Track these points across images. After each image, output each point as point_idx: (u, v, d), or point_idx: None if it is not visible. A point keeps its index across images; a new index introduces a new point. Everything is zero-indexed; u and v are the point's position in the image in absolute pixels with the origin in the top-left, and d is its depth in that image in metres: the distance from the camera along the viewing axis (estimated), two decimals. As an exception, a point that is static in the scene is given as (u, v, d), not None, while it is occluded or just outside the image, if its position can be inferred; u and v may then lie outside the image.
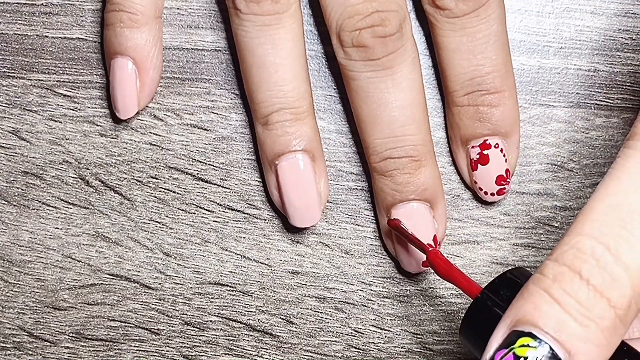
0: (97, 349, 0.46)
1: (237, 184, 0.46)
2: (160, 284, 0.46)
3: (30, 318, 0.46)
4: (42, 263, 0.46)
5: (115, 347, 0.46)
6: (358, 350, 0.46)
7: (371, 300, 0.46)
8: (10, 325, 0.46)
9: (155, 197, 0.46)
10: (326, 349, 0.46)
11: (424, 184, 0.44)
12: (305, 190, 0.44)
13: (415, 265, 0.45)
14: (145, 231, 0.46)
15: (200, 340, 0.46)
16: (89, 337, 0.46)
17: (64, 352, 0.46)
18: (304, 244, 0.46)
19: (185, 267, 0.46)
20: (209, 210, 0.46)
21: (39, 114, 0.46)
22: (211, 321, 0.46)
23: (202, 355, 0.46)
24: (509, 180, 0.45)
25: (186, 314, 0.46)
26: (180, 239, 0.46)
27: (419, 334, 0.46)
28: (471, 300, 0.36)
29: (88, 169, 0.46)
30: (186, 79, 0.46)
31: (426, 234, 0.44)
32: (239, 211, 0.46)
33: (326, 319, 0.46)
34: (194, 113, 0.46)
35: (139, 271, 0.46)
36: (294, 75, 0.44)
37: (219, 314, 0.46)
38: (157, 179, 0.46)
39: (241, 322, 0.46)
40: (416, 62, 0.44)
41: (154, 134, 0.46)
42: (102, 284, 0.46)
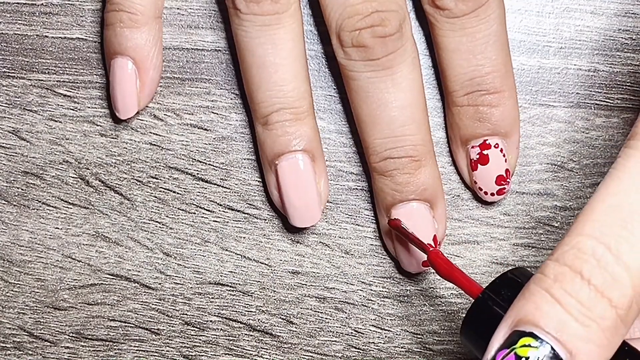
0: (97, 349, 0.46)
1: (237, 184, 0.46)
2: (160, 284, 0.46)
3: (30, 318, 0.46)
4: (42, 263, 0.46)
5: (115, 347, 0.46)
6: (358, 350, 0.46)
7: (371, 300, 0.46)
8: (10, 325, 0.46)
9: (155, 197, 0.46)
10: (326, 349, 0.46)
11: (424, 184, 0.44)
12: (305, 190, 0.44)
13: (415, 265, 0.45)
14: (145, 231, 0.46)
15: (200, 340, 0.46)
16: (89, 337, 0.46)
17: (64, 352, 0.46)
18: (304, 244, 0.46)
19: (185, 267, 0.46)
20: (209, 210, 0.46)
21: (39, 114, 0.46)
22: (211, 321, 0.46)
23: (202, 355, 0.46)
24: (509, 180, 0.45)
25: (186, 314, 0.46)
26: (180, 239, 0.46)
27: (419, 334, 0.46)
28: (472, 301, 0.36)
29: (88, 169, 0.46)
30: (186, 79, 0.46)
31: (426, 234, 0.44)
32: (239, 211, 0.46)
33: (326, 319, 0.46)
34: (194, 113, 0.46)
35: (139, 271, 0.46)
36: (294, 75, 0.44)
37: (219, 314, 0.46)
38: (157, 179, 0.46)
39: (241, 322, 0.46)
40: (416, 62, 0.44)
41: (154, 134, 0.46)
42: (102, 284, 0.46)
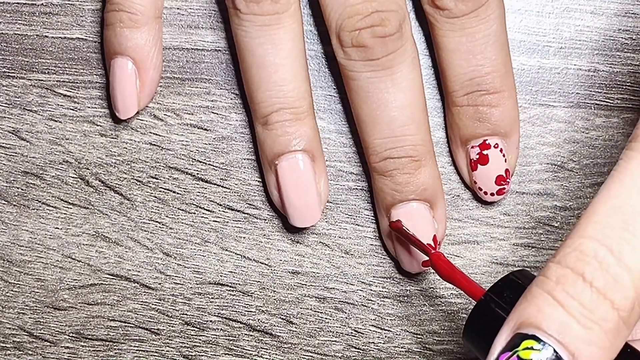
0: (97, 349, 0.46)
1: (237, 184, 0.46)
2: (160, 284, 0.46)
3: (30, 318, 0.46)
4: (42, 263, 0.46)
5: (115, 347, 0.46)
6: (358, 350, 0.46)
7: (371, 300, 0.46)
8: (10, 325, 0.46)
9: (155, 197, 0.46)
10: (326, 349, 0.46)
11: (424, 184, 0.44)
12: (305, 190, 0.44)
13: (416, 265, 0.45)
14: (145, 231, 0.46)
15: (200, 340, 0.46)
16: (89, 337, 0.46)
17: (64, 352, 0.46)
18: (304, 244, 0.46)
19: (185, 267, 0.46)
20: (209, 210, 0.46)
21: (39, 114, 0.46)
22: (211, 321, 0.46)
23: (202, 355, 0.46)
24: (508, 180, 0.45)
25: (186, 314, 0.46)
26: (180, 239, 0.46)
27: (419, 334, 0.46)
28: (473, 302, 0.36)
29: (88, 169, 0.46)
30: (186, 79, 0.46)
31: (426, 234, 0.44)
32: (239, 211, 0.46)
33: (326, 319, 0.46)
34: (194, 113, 0.46)
35: (139, 271, 0.46)
36: (294, 75, 0.44)
37: (219, 314, 0.46)
38: (157, 179, 0.46)
39: (241, 322, 0.46)
40: (416, 62, 0.44)
41: (154, 134, 0.46)
42: (102, 284, 0.46)
